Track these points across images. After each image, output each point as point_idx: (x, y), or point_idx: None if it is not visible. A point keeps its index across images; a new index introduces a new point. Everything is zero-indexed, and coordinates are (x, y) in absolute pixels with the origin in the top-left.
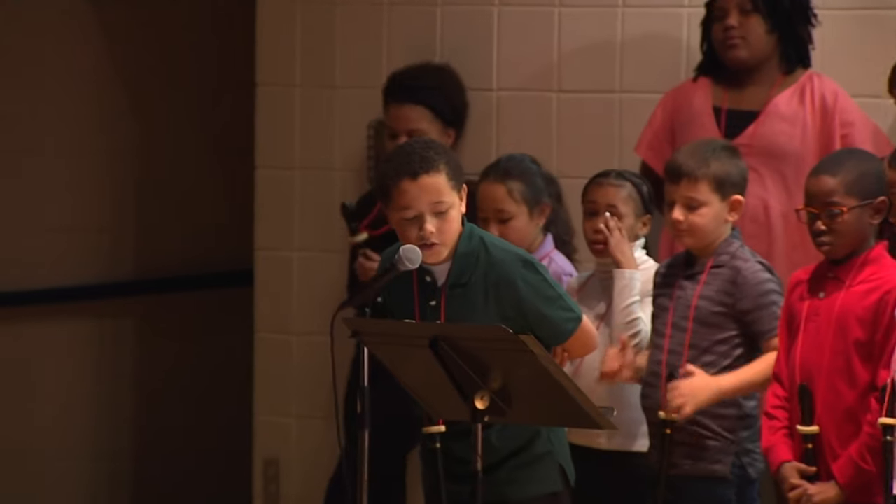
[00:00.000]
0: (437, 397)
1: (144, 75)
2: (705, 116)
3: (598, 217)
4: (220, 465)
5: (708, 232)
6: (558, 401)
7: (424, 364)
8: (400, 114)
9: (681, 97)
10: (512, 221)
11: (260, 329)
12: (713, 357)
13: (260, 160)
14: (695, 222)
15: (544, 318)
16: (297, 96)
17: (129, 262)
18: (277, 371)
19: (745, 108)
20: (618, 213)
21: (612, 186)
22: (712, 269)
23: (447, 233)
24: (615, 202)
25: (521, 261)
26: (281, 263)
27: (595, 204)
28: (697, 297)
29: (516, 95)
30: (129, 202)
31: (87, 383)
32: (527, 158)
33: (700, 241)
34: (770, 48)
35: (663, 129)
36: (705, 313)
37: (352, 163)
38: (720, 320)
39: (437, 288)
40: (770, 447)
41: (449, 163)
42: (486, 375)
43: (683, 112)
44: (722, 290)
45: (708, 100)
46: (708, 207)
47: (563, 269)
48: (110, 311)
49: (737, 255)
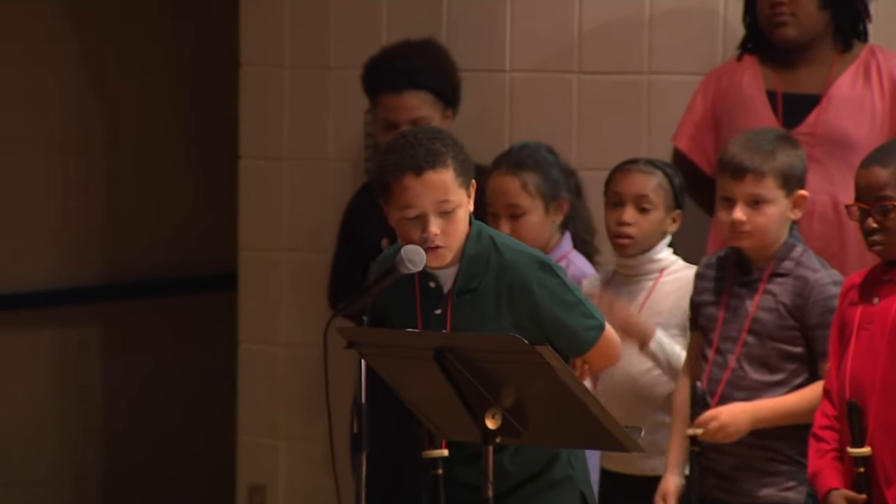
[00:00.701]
0: (442, 416)
1: (111, 54)
2: (759, 102)
3: (624, 209)
4: (200, 491)
5: (771, 233)
6: (579, 420)
7: (428, 378)
8: (399, 103)
9: (725, 80)
10: (525, 217)
11: (244, 339)
12: (783, 375)
13: (244, 150)
14: (759, 223)
15: (563, 327)
16: (285, 78)
17: (97, 264)
18: (264, 386)
19: (802, 92)
20: (647, 204)
21: (641, 174)
22: (774, 278)
23: (453, 235)
24: (645, 191)
25: (537, 262)
26: (267, 266)
27: (620, 195)
28: (756, 308)
29: (531, 77)
30: (96, 198)
31: (49, 399)
32: (542, 148)
33: (760, 243)
34: (822, 25)
35: (706, 116)
36: (770, 327)
37: (347, 153)
38: (788, 335)
39: (443, 295)
40: (817, 472)
41: (457, 157)
42: (498, 391)
43: (730, 97)
44: (789, 303)
45: (759, 83)
46: (773, 206)
47: (582, 272)
48: (76, 318)
49: (802, 263)
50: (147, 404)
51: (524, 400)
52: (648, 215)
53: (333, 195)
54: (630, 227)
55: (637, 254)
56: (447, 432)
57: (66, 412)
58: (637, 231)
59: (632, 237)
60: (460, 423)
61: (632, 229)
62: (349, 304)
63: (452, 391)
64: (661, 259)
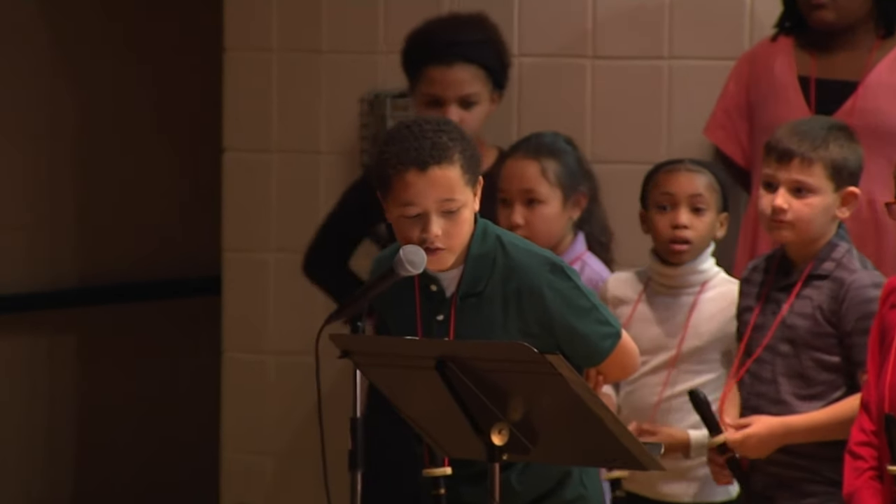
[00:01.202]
0: (444, 431)
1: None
2: (791, 89)
3: (678, 210)
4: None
5: (813, 226)
6: (593, 435)
7: (429, 390)
8: (448, 77)
9: (759, 63)
10: (541, 207)
11: (229, 348)
12: (819, 388)
13: (228, 142)
14: (801, 213)
15: (576, 334)
16: (273, 63)
17: (69, 266)
18: (251, 399)
19: (838, 79)
20: (702, 204)
21: (690, 172)
22: (812, 279)
23: (456, 237)
24: (699, 190)
25: (548, 264)
26: (255, 268)
27: (672, 195)
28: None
29: (542, 63)
30: (67, 194)
31: (17, 412)
32: (561, 138)
33: (800, 236)
34: (864, 9)
35: (738, 104)
36: (806, 335)
37: (341, 144)
38: (825, 343)
39: (446, 299)
40: (853, 493)
41: (465, 152)
42: (505, 404)
43: (763, 83)
44: (826, 307)
45: (791, 67)
46: (819, 196)
47: (599, 276)
48: (47, 324)
49: (843, 264)
50: (123, 419)
51: (533, 413)
52: (703, 217)
53: (326, 191)
54: (688, 231)
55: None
56: (450, 449)
57: (34, 427)
58: (694, 234)
59: (690, 241)
60: (464, 439)
61: (689, 233)
62: (342, 310)
63: (455, 404)
64: (705, 270)
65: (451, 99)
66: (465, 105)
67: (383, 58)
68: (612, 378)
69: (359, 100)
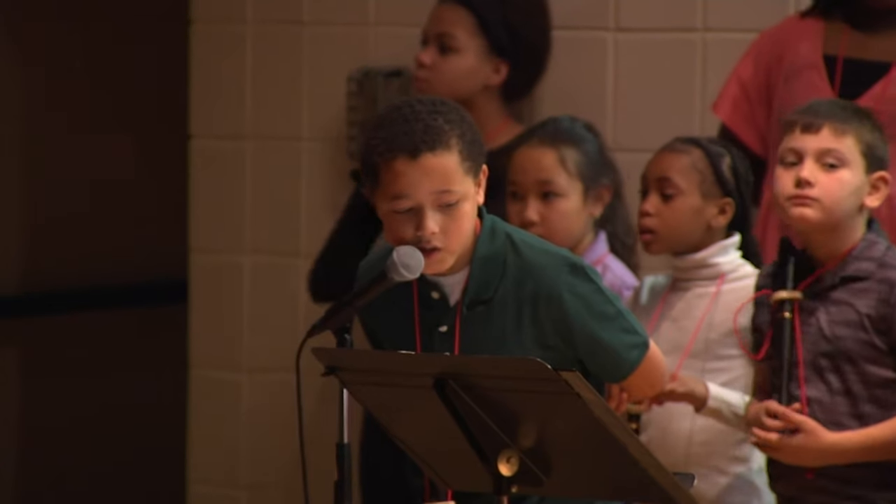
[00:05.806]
0: (445, 460)
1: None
2: (814, 69)
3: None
4: None
5: (841, 208)
6: (615, 465)
7: (428, 413)
8: (436, 12)
9: (783, 40)
10: (559, 201)
11: (196, 364)
12: (870, 407)
13: (196, 128)
14: (830, 187)
15: (599, 345)
16: (248, 37)
17: (13, 271)
18: (221, 422)
19: (869, 59)
20: (670, 189)
21: (669, 153)
22: (848, 281)
23: (455, 235)
24: (667, 173)
25: (567, 265)
26: (226, 272)
27: (645, 180)
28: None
29: (556, 36)
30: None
31: None
32: (580, 123)
33: (826, 220)
34: None
35: (757, 83)
36: (851, 346)
37: (325, 130)
38: (874, 355)
39: (450, 308)
40: None
41: (464, 136)
42: (515, 429)
43: (786, 61)
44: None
45: (817, 44)
46: (851, 172)
47: (622, 281)
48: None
49: (886, 262)
50: (76, 443)
51: (547, 440)
52: (672, 203)
53: (308, 183)
54: (649, 219)
55: (685, 254)
56: (452, 481)
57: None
58: (658, 223)
59: (653, 230)
60: (468, 470)
61: (651, 220)
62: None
63: (457, 429)
64: (719, 263)
65: (429, 36)
66: (442, 49)
67: (374, 30)
68: (637, 394)
69: (346, 78)
